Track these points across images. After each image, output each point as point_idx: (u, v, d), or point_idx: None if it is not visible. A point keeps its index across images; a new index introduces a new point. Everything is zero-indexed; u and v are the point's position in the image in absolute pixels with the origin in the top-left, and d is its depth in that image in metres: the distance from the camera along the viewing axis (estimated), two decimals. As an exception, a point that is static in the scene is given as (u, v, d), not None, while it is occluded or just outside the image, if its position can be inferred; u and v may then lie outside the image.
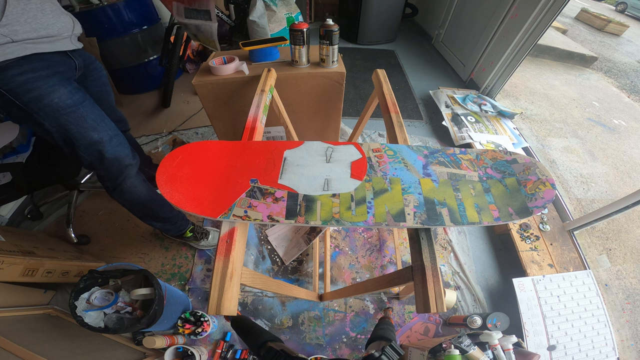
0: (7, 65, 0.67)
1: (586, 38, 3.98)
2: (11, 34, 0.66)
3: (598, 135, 2.11)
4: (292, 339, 1.09)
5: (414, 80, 2.49)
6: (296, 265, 1.27)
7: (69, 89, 0.77)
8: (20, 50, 0.68)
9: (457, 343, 0.75)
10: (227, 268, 0.47)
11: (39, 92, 0.72)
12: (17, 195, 1.05)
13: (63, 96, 0.75)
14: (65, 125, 0.77)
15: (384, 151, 0.62)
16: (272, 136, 1.34)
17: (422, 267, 0.49)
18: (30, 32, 0.70)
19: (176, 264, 1.27)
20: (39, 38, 0.72)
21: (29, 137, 1.15)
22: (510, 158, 0.60)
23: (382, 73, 0.99)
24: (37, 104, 0.72)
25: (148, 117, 2.04)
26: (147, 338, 0.91)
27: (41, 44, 0.73)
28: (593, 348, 1.03)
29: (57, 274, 1.02)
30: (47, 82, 0.73)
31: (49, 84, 0.73)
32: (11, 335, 0.76)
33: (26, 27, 0.69)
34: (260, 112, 0.78)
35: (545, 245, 1.28)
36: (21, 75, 0.69)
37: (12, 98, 0.70)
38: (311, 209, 0.52)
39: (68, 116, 0.76)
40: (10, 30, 0.66)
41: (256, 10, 1.81)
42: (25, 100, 0.71)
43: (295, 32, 0.99)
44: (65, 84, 0.77)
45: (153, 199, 1.00)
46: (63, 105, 0.75)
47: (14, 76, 0.68)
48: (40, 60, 0.73)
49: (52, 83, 0.74)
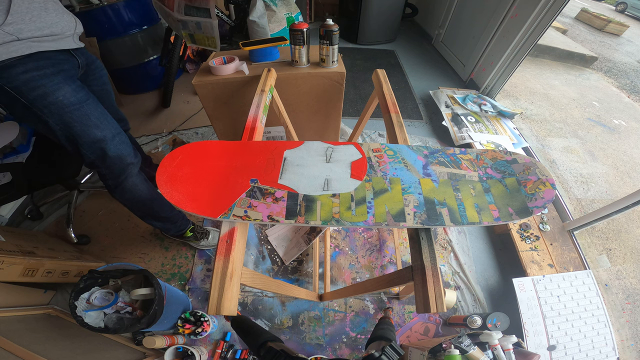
0: (12, 63, 0.67)
1: (586, 38, 3.98)
2: (16, 32, 0.67)
3: (598, 135, 2.11)
4: (292, 339, 1.09)
5: (414, 80, 2.49)
6: (296, 265, 1.27)
7: (73, 87, 0.78)
8: (25, 49, 0.69)
9: (457, 343, 0.75)
10: (227, 268, 0.47)
11: (44, 90, 0.72)
12: (17, 195, 1.05)
13: (67, 94, 0.76)
14: (69, 123, 0.77)
15: (384, 151, 0.62)
16: (272, 136, 1.34)
17: (422, 267, 0.49)
18: (35, 30, 0.70)
19: (176, 264, 1.27)
20: (43, 36, 0.72)
21: (29, 137, 1.15)
22: (510, 158, 0.60)
23: (382, 73, 0.99)
24: (41, 102, 0.72)
25: (148, 117, 2.04)
26: (147, 338, 0.91)
27: (45, 42, 0.73)
28: (593, 348, 1.03)
29: (57, 274, 1.02)
30: (52, 80, 0.74)
31: (53, 82, 0.74)
32: (11, 335, 0.76)
33: (31, 26, 0.69)
34: (260, 112, 0.78)
35: (545, 245, 1.28)
36: (26, 73, 0.70)
37: (16, 96, 0.70)
38: (311, 209, 0.52)
39: (72, 114, 0.77)
40: (15, 29, 0.66)
41: (256, 10, 1.81)
42: (30, 98, 0.71)
43: (295, 32, 0.99)
44: (69, 82, 0.77)
45: (154, 198, 1.00)
46: (67, 103, 0.76)
47: (19, 74, 0.69)
48: (45, 58, 0.73)
49: (56, 81, 0.74)
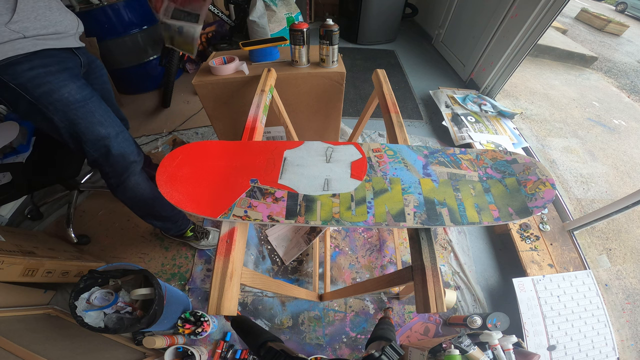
0: (18, 60, 0.68)
1: (586, 38, 3.98)
2: (22, 30, 0.68)
3: (598, 135, 2.11)
4: (292, 339, 1.09)
5: (414, 80, 2.49)
6: (296, 265, 1.27)
7: (78, 85, 0.79)
8: (31, 46, 0.69)
9: (457, 343, 0.75)
10: (227, 268, 0.47)
11: (50, 87, 0.73)
12: (17, 195, 1.05)
13: (73, 91, 0.76)
14: (74, 120, 0.77)
15: (384, 151, 0.62)
16: (272, 136, 1.34)
17: (422, 267, 0.49)
18: (40, 28, 0.71)
19: (176, 264, 1.27)
20: (48, 34, 0.73)
21: (29, 137, 1.15)
22: (510, 158, 0.60)
23: (382, 73, 0.99)
24: (47, 99, 0.73)
25: (148, 117, 2.04)
26: (147, 338, 0.91)
27: (50, 41, 0.74)
28: (593, 348, 1.03)
29: (57, 274, 1.02)
30: (58, 77, 0.74)
31: (59, 79, 0.75)
32: (11, 335, 0.76)
33: (36, 24, 0.70)
34: (260, 112, 0.78)
35: (545, 245, 1.28)
36: (32, 70, 0.70)
37: (21, 92, 0.71)
38: (311, 209, 0.52)
39: (77, 111, 0.77)
40: (21, 27, 0.67)
41: (256, 10, 1.81)
42: (35, 95, 0.72)
43: (295, 32, 0.99)
44: (74, 79, 0.78)
45: (156, 197, 1.00)
46: (72, 100, 0.76)
47: (25, 71, 0.70)
48: (50, 56, 0.74)
49: (62, 78, 0.75)
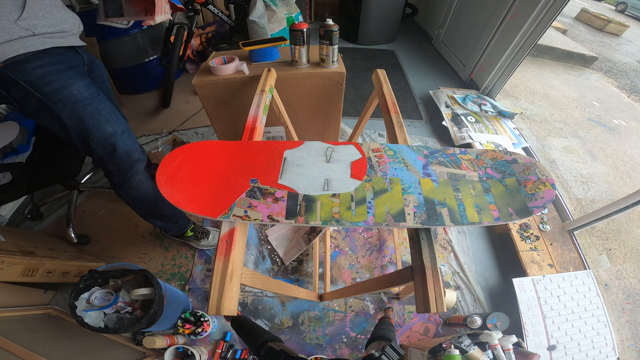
0: (28, 57, 0.69)
1: (586, 38, 3.98)
2: (32, 28, 0.68)
3: (598, 135, 2.11)
4: (292, 339, 1.09)
5: (414, 80, 2.49)
6: (296, 265, 1.27)
7: (85, 82, 0.79)
8: (40, 44, 0.70)
9: (457, 343, 0.75)
10: (227, 268, 0.47)
11: (59, 84, 0.73)
12: (17, 195, 1.05)
13: (81, 89, 0.77)
14: (82, 117, 0.78)
15: (384, 151, 0.62)
16: (272, 136, 1.34)
17: (422, 267, 0.49)
18: (48, 26, 0.72)
19: (176, 264, 1.27)
20: (55, 32, 0.74)
21: (29, 137, 1.15)
22: (510, 158, 0.60)
23: (382, 73, 0.99)
24: (56, 96, 0.74)
25: (148, 117, 2.04)
26: (147, 338, 0.91)
27: (57, 39, 0.75)
28: (593, 348, 1.03)
29: (57, 274, 1.02)
30: (66, 75, 0.75)
31: (67, 76, 0.75)
32: (11, 335, 0.76)
33: (44, 22, 0.71)
34: (260, 112, 0.78)
35: (545, 245, 1.28)
36: (42, 68, 0.71)
37: (31, 90, 0.71)
38: (311, 209, 0.52)
39: (85, 108, 0.78)
40: (30, 24, 0.68)
41: (256, 10, 1.81)
42: (44, 92, 0.72)
43: (295, 32, 0.99)
44: (81, 77, 0.79)
45: (158, 196, 1.00)
46: (80, 98, 0.77)
47: (35, 68, 0.70)
48: (58, 54, 0.75)
49: (70, 76, 0.76)
